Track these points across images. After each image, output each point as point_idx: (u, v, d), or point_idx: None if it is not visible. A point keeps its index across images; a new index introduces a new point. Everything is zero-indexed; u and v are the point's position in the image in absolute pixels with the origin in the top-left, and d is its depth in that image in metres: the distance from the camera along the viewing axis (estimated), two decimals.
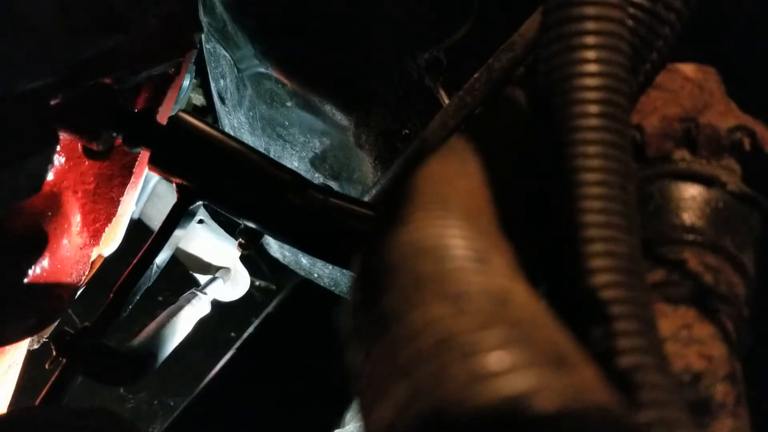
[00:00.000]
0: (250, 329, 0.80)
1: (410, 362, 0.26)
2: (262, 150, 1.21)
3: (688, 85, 0.60)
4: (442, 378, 0.25)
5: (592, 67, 0.47)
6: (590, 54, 0.47)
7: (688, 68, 0.61)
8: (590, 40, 0.47)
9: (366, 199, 0.92)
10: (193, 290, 1.06)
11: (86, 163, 0.89)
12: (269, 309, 0.82)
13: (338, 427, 0.83)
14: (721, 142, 0.57)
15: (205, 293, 1.06)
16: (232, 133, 1.26)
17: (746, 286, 0.54)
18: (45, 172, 0.63)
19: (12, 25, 0.50)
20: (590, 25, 0.47)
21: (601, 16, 0.48)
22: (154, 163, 0.80)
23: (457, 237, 0.33)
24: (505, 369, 0.25)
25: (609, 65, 0.47)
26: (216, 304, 1.10)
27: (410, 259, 0.31)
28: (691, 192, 0.56)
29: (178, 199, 0.81)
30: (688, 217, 0.55)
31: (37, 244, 0.85)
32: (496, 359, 0.26)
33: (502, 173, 0.47)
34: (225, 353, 0.82)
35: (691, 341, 0.50)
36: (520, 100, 0.54)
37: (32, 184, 0.62)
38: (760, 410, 0.49)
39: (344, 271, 0.98)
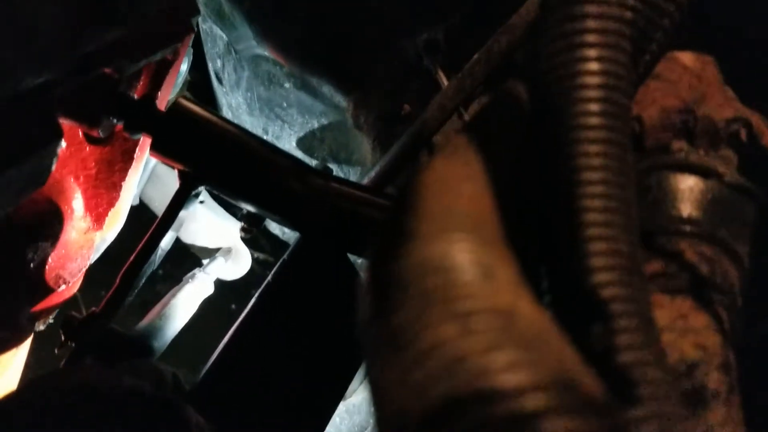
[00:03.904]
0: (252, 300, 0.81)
1: (421, 384, 0.28)
2: (260, 130, 1.21)
3: (687, 75, 0.60)
4: (453, 401, 0.27)
5: (593, 66, 0.47)
6: (591, 52, 0.47)
7: (686, 57, 0.62)
8: (592, 38, 0.47)
9: (365, 181, 0.93)
10: (195, 270, 1.07)
11: (87, 148, 0.89)
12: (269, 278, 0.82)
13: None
14: (718, 133, 0.57)
15: (207, 273, 1.08)
16: (230, 113, 1.26)
17: (741, 276, 0.55)
18: (50, 166, 0.64)
19: (14, 27, 0.50)
20: (592, 24, 0.48)
21: (603, 15, 0.48)
22: (156, 150, 0.80)
23: (464, 251, 0.34)
24: (514, 391, 0.27)
25: (610, 63, 0.47)
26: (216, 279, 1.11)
27: (419, 277, 0.32)
28: (689, 183, 0.57)
29: (181, 185, 0.82)
30: (686, 208, 0.56)
31: (42, 230, 0.86)
32: (505, 381, 0.27)
33: (505, 172, 0.48)
34: (226, 325, 0.82)
35: (686, 331, 0.51)
36: (522, 97, 0.54)
37: (38, 180, 0.63)
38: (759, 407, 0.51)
39: None
